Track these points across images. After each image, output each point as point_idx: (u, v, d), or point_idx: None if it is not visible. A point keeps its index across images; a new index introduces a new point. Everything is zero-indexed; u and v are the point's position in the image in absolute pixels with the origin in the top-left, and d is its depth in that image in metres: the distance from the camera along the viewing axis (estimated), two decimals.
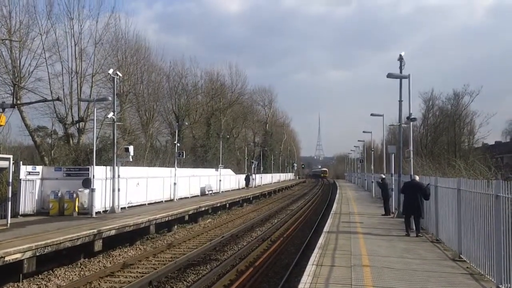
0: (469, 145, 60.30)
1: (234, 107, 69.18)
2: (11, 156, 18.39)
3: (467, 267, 10.71)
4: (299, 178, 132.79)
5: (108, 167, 24.29)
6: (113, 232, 17.66)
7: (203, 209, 28.77)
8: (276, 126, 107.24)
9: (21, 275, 13.23)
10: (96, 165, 22.34)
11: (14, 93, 28.44)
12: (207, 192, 39.48)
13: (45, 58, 31.75)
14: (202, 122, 58.26)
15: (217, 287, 12.57)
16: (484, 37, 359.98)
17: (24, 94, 30.21)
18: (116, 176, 23.80)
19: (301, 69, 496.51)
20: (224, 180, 46.27)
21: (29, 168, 22.65)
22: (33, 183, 22.20)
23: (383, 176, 25.43)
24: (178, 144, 35.06)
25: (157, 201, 29.74)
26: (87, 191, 22.17)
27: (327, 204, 39.10)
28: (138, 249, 18.74)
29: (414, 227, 15.97)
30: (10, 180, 18.05)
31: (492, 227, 8.99)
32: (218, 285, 12.72)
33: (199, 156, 52.41)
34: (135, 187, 26.79)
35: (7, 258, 12.37)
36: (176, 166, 33.21)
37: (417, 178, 16.30)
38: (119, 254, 17.53)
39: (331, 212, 24.80)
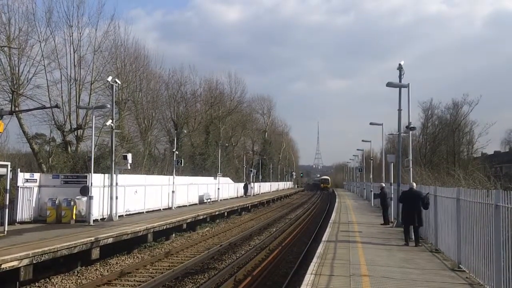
0: (468, 155, 60.27)
1: (233, 115, 69.20)
2: (9, 163, 18.32)
3: (467, 277, 10.66)
4: (298, 186, 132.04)
5: (106, 175, 24.22)
6: (110, 240, 17.57)
7: (201, 217, 28.68)
8: (275, 134, 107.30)
9: (17, 283, 13.13)
10: (94, 172, 22.29)
11: (13, 100, 28.42)
12: (205, 201, 39.38)
13: (44, 65, 31.67)
14: (201, 130, 58.25)
15: None
16: (482, 47, 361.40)
17: (22, 101, 30.17)
18: (114, 184, 23.74)
19: (300, 78, 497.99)
20: (223, 189, 46.18)
21: (27, 175, 22.57)
22: (30, 191, 22.13)
23: (383, 185, 25.37)
24: (177, 152, 35.02)
25: (155, 209, 29.63)
26: (84, 198, 22.10)
27: (326, 213, 39.05)
28: (135, 257, 18.65)
29: (413, 237, 15.91)
30: (8, 187, 17.97)
31: (491, 237, 8.95)
32: None
33: (198, 164, 52.31)
34: (133, 195, 26.72)
35: (3, 266, 12.29)
36: (174, 174, 33.13)
37: (414, 185, 16.22)
38: (117, 263, 17.44)
39: (330, 221, 24.71)
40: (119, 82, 27.65)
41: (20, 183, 21.79)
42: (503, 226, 8.33)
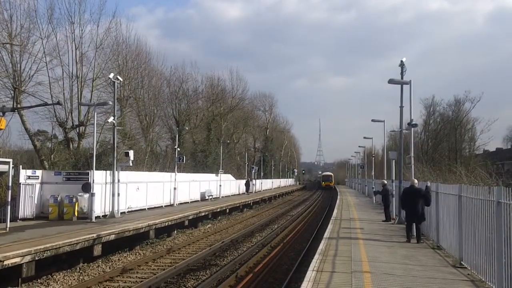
0: (470, 152, 60.12)
1: (235, 112, 69.16)
2: (10, 160, 18.38)
3: (468, 274, 10.66)
4: (299, 183, 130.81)
5: (108, 172, 24.26)
6: (112, 237, 17.61)
7: (203, 214, 28.73)
8: (277, 131, 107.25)
9: (20, 279, 13.17)
10: (96, 169, 22.30)
11: (15, 97, 28.39)
12: (207, 197, 39.43)
13: (46, 62, 31.69)
14: (203, 127, 58.25)
15: None
16: (484, 44, 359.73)
17: (24, 98, 30.18)
18: (116, 180, 23.77)
19: (302, 75, 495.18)
20: (224, 185, 46.23)
21: (29, 172, 22.60)
22: (32, 187, 22.16)
23: (385, 182, 25.38)
24: (178, 149, 35.04)
25: (157, 206, 29.69)
26: (86, 195, 22.13)
27: (328, 210, 39.04)
28: (137, 254, 18.68)
29: (415, 234, 15.91)
30: (10, 184, 17.99)
31: (493, 234, 8.95)
32: None
33: (199, 161, 52.33)
34: (135, 192, 26.75)
35: (6, 262, 12.33)
36: (176, 171, 33.17)
37: (415, 182, 16.19)
38: (119, 259, 17.47)
39: (332, 218, 24.74)
40: (121, 79, 27.67)
41: (22, 180, 21.82)
42: (504, 223, 8.33)
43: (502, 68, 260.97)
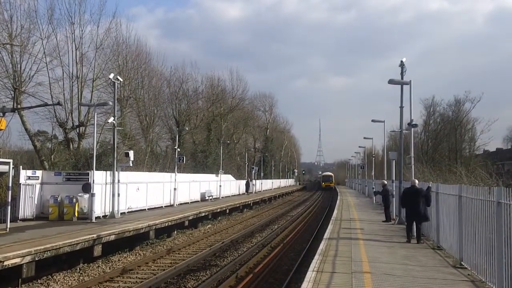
0: (470, 152, 60.13)
1: (235, 112, 69.16)
2: (11, 161, 18.40)
3: (468, 274, 10.65)
4: (299, 184, 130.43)
5: (108, 172, 24.27)
6: (112, 237, 17.61)
7: (203, 214, 28.73)
8: (277, 132, 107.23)
9: (20, 280, 13.17)
10: (96, 170, 22.31)
11: (15, 98, 28.41)
12: (207, 198, 39.42)
13: (46, 63, 31.74)
14: (203, 128, 58.27)
15: None
16: (484, 44, 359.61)
17: (24, 98, 30.20)
18: (116, 181, 23.77)
19: (302, 75, 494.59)
20: (224, 186, 46.23)
21: (29, 172, 22.60)
22: (32, 188, 22.16)
23: (385, 182, 25.38)
24: (179, 149, 35.04)
25: (157, 206, 29.69)
26: (86, 196, 22.13)
27: (328, 210, 39.03)
28: (137, 254, 18.68)
29: (415, 234, 15.90)
30: (10, 185, 18.01)
31: (493, 234, 8.94)
32: None
33: (199, 162, 52.32)
34: (135, 192, 26.75)
35: (6, 263, 12.33)
36: (176, 171, 33.17)
37: (416, 182, 16.19)
38: (119, 260, 17.47)
39: (332, 218, 24.73)
40: (121, 80, 27.68)
41: (22, 180, 21.81)
42: (505, 223, 8.32)
43: (502, 68, 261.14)
